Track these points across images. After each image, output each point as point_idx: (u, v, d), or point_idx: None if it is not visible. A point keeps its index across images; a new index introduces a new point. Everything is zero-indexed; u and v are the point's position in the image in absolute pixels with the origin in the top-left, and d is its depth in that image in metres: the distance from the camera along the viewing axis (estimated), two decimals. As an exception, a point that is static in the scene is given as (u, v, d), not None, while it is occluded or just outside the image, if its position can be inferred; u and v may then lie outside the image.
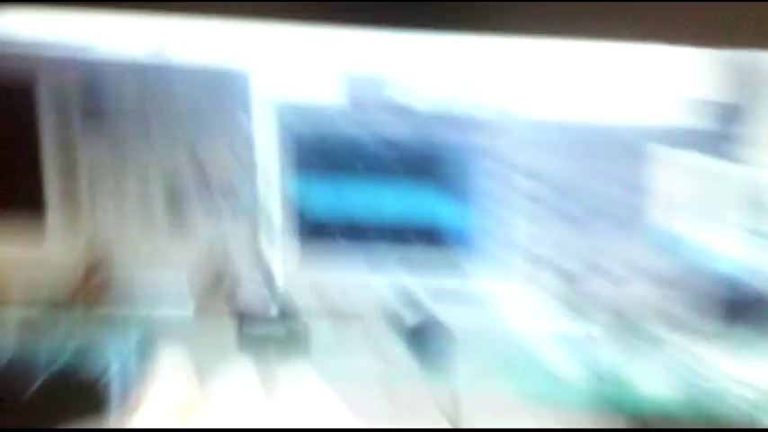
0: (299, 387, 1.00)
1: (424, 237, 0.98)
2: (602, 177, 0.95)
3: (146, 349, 0.97)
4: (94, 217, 0.99)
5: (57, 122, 0.97)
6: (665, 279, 0.95)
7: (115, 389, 0.99)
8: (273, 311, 1.00)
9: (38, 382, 0.98)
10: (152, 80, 0.95)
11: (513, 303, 0.98)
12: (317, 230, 0.99)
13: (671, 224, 0.97)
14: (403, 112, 0.94)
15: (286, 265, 0.99)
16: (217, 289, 0.98)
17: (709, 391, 0.92)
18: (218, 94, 0.96)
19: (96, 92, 0.96)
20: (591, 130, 0.93)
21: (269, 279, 1.00)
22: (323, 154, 0.95)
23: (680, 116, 0.94)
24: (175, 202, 0.99)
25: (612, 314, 0.96)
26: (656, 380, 0.94)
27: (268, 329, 0.99)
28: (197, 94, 0.96)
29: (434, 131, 0.94)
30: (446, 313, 0.98)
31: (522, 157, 0.96)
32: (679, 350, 0.97)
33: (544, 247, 0.97)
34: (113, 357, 0.98)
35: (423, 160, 0.95)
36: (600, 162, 0.94)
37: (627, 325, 0.95)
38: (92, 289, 1.00)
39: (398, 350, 0.98)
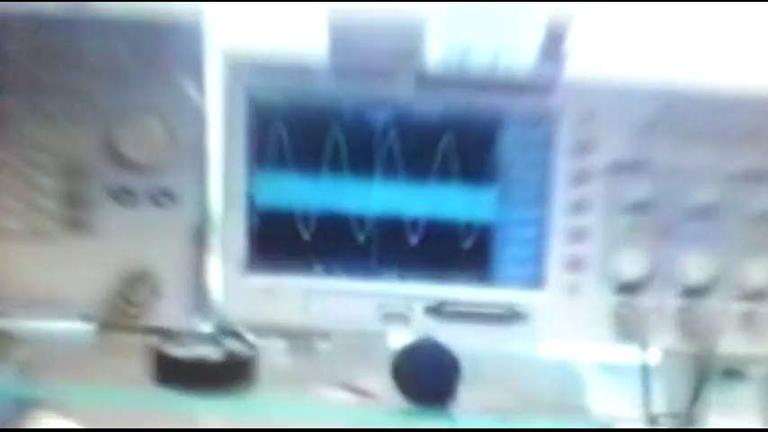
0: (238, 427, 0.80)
1: (426, 234, 0.80)
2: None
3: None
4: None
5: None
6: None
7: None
8: (207, 329, 0.82)
9: None
10: (64, 35, 0.77)
11: (546, 321, 0.81)
12: (273, 227, 0.80)
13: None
14: (413, 72, 0.76)
15: (228, 270, 0.81)
16: (131, 300, 0.80)
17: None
18: (148, 51, 0.77)
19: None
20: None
21: (203, 288, 0.82)
22: (289, 127, 0.78)
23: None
24: (78, 191, 0.80)
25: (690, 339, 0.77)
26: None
27: (199, 352, 0.78)
28: (119, 53, 0.77)
29: (459, 99, 0.76)
30: (450, 333, 0.78)
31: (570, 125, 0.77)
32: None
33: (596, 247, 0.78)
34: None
35: (436, 137, 0.77)
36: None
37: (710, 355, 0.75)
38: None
39: (379, 380, 0.77)
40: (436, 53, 0.76)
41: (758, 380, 0.82)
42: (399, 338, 0.81)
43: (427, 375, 0.78)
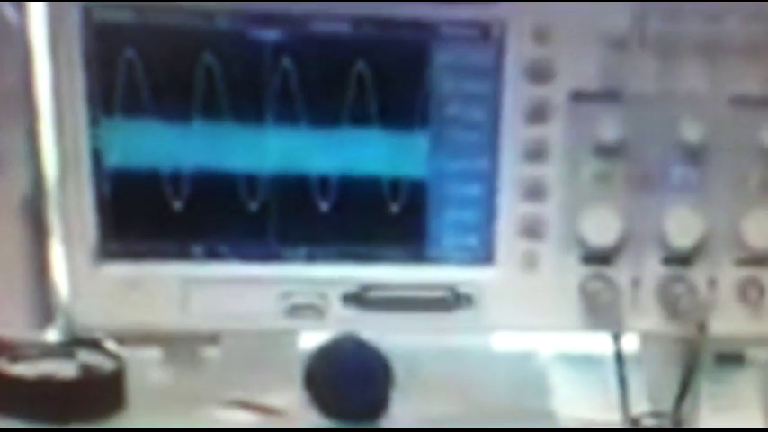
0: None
1: (340, 198, 0.65)
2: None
3: None
4: None
5: None
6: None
7: None
8: (54, 337, 0.71)
9: None
10: None
11: (497, 304, 0.68)
12: (131, 194, 0.64)
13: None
14: None
15: (75, 258, 0.65)
16: None
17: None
18: None
19: None
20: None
21: (44, 283, 0.69)
22: (144, 55, 0.61)
23: None
24: None
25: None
26: None
27: (46, 367, 0.67)
28: None
29: (361, 6, 0.62)
30: (377, 326, 0.68)
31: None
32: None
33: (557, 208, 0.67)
34: None
35: (331, 61, 0.63)
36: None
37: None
38: None
39: (289, 393, 0.69)
40: None
41: (759, 365, 0.73)
42: (312, 338, 0.71)
43: (350, 383, 0.68)
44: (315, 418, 0.66)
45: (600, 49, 0.61)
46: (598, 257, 0.64)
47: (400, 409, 0.67)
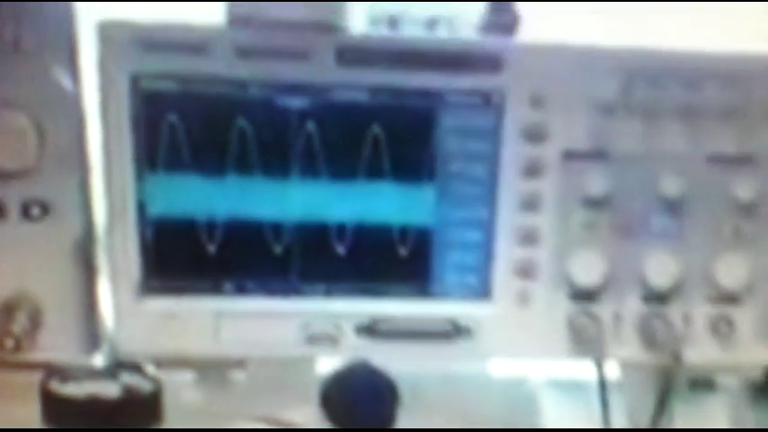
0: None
1: (355, 242, 0.67)
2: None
3: None
4: None
5: None
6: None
7: None
8: (100, 362, 0.71)
9: None
10: None
11: (494, 336, 0.70)
12: (171, 239, 0.66)
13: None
14: (333, 43, 0.63)
15: (121, 293, 0.67)
16: (8, 330, 0.65)
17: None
18: (6, 34, 0.61)
19: None
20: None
21: (92, 315, 0.70)
22: (184, 118, 0.64)
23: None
24: None
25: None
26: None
27: (92, 388, 0.66)
28: None
29: (388, 75, 0.64)
30: (386, 354, 0.69)
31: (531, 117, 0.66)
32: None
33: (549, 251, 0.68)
34: None
35: (364, 125, 0.65)
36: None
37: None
38: None
39: (307, 410, 0.69)
40: (359, 24, 0.65)
41: (729, 391, 0.76)
42: (328, 363, 0.73)
43: (361, 403, 0.69)
44: None
45: (589, 114, 0.64)
46: (584, 295, 0.67)
47: (405, 427, 0.68)
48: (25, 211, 0.63)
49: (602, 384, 0.66)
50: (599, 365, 0.66)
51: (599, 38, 0.65)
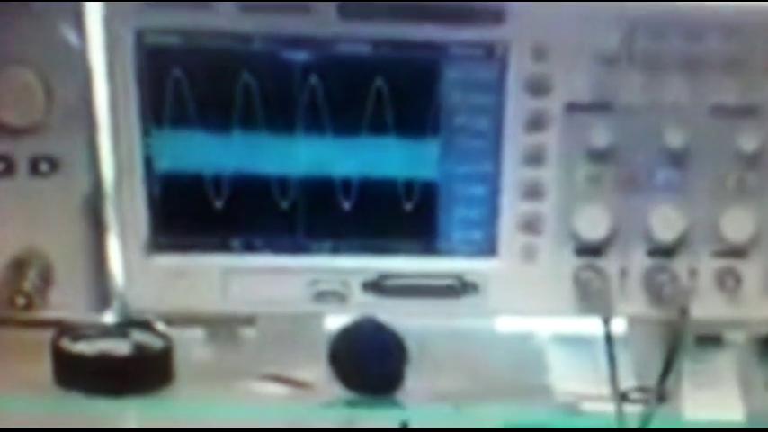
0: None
1: (360, 197, 0.68)
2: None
3: None
4: None
5: None
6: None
7: None
8: (110, 319, 0.73)
9: None
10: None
11: (499, 292, 0.70)
12: (178, 195, 0.67)
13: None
14: None
15: (129, 250, 0.68)
16: (18, 288, 0.65)
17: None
18: None
19: None
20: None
21: (102, 272, 0.71)
22: (189, 74, 0.64)
23: None
24: None
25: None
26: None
27: (103, 346, 0.70)
28: None
29: (379, 29, 0.64)
30: (393, 310, 0.70)
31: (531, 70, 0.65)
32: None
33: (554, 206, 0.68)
34: None
35: (367, 78, 0.65)
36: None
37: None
38: None
39: (315, 368, 0.71)
40: None
41: (736, 346, 0.75)
42: (336, 320, 0.74)
43: (369, 360, 0.71)
44: (338, 391, 0.68)
45: (592, 66, 0.64)
46: (590, 250, 0.67)
47: (414, 384, 0.69)
48: (34, 167, 0.64)
49: (609, 340, 0.65)
50: (605, 321, 0.65)
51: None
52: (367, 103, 0.64)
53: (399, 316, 0.70)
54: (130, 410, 0.70)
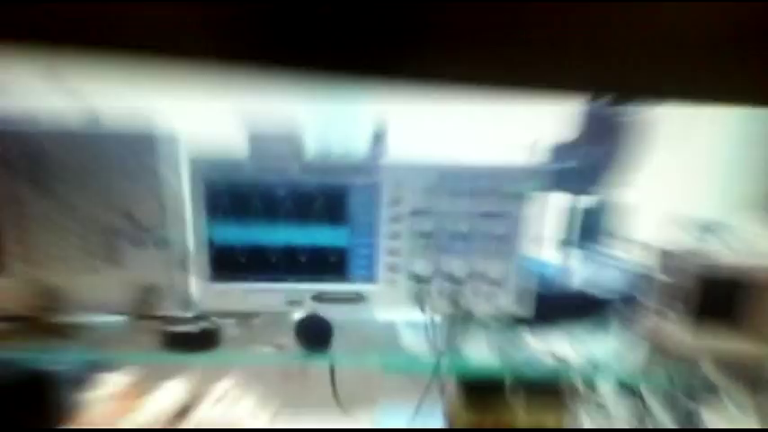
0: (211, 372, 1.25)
1: (310, 255, 1.19)
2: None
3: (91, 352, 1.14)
4: (44, 255, 1.16)
5: (7, 184, 1.14)
6: (496, 280, 1.22)
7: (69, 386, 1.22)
8: (190, 315, 1.22)
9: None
10: (88, 145, 1.14)
11: (378, 300, 1.19)
12: (224, 255, 1.20)
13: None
14: (298, 162, 1.14)
15: (200, 282, 1.21)
16: (146, 301, 1.19)
17: (521, 359, 1.19)
18: (145, 154, 1.16)
19: (41, 157, 1.12)
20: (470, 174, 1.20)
21: (187, 293, 1.21)
22: (231, 198, 1.14)
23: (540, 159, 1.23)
24: (110, 243, 1.18)
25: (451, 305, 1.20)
26: (482, 352, 1.20)
27: (186, 328, 1.18)
28: (127, 155, 1.16)
29: (325, 176, 1.15)
30: (326, 310, 1.19)
31: (398, 193, 1.16)
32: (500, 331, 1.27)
33: (404, 258, 1.19)
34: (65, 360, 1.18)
35: (314, 199, 1.16)
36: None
37: (462, 313, 1.18)
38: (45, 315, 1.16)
39: (288, 339, 1.19)
40: (311, 151, 1.18)
41: (485, 321, 1.26)
42: (297, 315, 1.20)
43: (314, 334, 1.17)
44: (299, 350, 1.13)
45: (423, 190, 1.13)
46: (422, 280, 1.17)
47: (336, 346, 1.13)
48: (156, 244, 1.17)
49: (432, 324, 1.16)
50: (429, 315, 1.15)
51: (428, 151, 1.15)
52: (313, 210, 1.14)
53: (329, 313, 1.16)
54: (198, 361, 1.15)
